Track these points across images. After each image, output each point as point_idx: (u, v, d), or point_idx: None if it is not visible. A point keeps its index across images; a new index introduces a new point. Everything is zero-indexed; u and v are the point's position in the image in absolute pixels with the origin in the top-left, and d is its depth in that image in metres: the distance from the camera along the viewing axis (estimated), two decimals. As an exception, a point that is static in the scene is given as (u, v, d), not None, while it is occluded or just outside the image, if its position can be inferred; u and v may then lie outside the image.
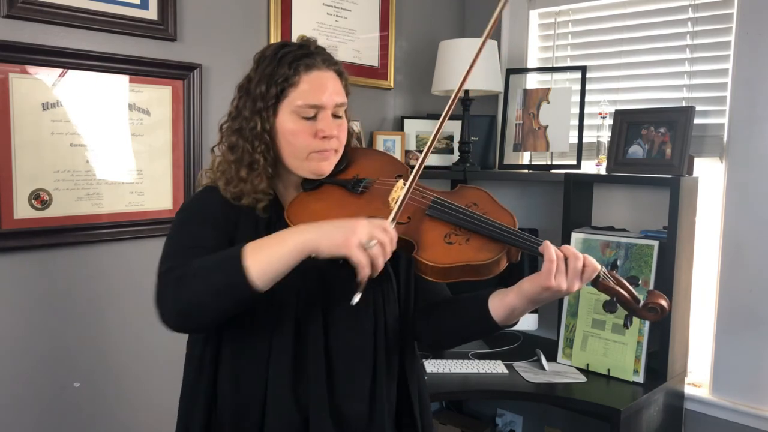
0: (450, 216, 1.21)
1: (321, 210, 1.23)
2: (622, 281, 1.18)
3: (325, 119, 1.23)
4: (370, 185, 1.29)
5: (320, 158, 1.25)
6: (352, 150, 1.37)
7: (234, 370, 1.22)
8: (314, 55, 1.25)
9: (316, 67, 1.24)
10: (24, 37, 1.72)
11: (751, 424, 2.16)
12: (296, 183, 1.31)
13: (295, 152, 1.24)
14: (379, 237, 1.06)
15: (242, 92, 1.26)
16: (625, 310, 1.19)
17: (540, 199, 2.69)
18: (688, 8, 2.36)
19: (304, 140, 1.23)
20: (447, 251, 1.16)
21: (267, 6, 2.27)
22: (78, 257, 1.87)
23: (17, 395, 1.78)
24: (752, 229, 2.15)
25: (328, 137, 1.24)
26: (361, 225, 1.06)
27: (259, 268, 1.05)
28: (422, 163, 1.21)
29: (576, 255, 1.13)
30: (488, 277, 1.16)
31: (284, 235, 1.09)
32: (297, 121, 1.22)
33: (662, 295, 1.18)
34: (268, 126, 1.23)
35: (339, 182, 1.30)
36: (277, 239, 1.09)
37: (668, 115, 2.25)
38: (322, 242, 1.06)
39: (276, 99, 1.22)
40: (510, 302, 1.19)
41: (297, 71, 1.22)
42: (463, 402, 2.92)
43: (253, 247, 1.07)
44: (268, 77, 1.22)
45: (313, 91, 1.22)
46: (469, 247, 1.16)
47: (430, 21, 2.87)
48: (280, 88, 1.21)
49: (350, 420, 1.24)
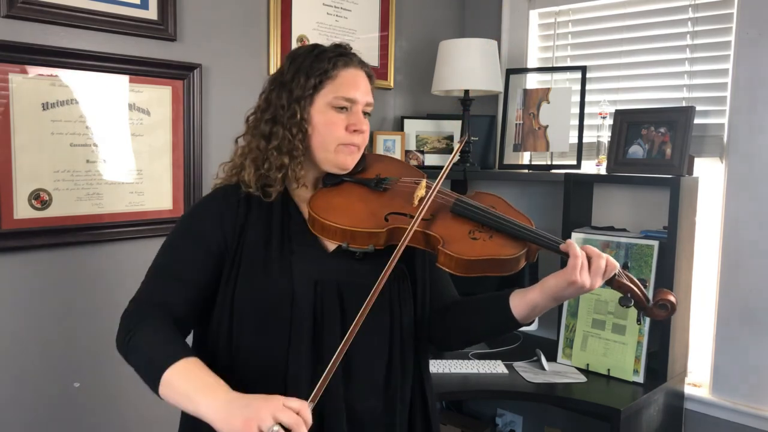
0: (474, 214, 1.26)
1: (344, 204, 1.28)
2: (634, 280, 1.23)
3: (357, 114, 1.29)
4: (391, 184, 1.34)
5: (347, 152, 1.29)
6: (368, 155, 1.40)
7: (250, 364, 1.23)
8: (351, 55, 1.32)
9: (352, 65, 1.30)
10: (24, 37, 1.72)
11: (751, 424, 2.16)
12: (315, 179, 1.34)
13: (325, 143, 1.28)
14: (285, 420, 0.98)
15: (275, 85, 1.30)
16: (637, 308, 1.24)
17: (540, 199, 2.69)
18: (688, 8, 2.36)
19: (336, 131, 1.27)
20: (472, 246, 1.21)
21: (267, 6, 2.27)
22: (78, 257, 1.87)
23: (17, 395, 1.78)
24: (752, 229, 2.15)
25: (357, 131, 1.28)
26: (266, 409, 1.00)
27: (167, 394, 1.11)
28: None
29: (599, 254, 1.19)
30: (508, 273, 1.21)
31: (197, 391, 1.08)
32: (330, 112, 1.27)
33: (669, 291, 1.23)
34: (305, 115, 1.27)
35: (361, 180, 1.34)
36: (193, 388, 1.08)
37: (668, 115, 2.25)
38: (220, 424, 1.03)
39: (314, 89, 1.27)
40: (532, 299, 1.23)
41: (335, 66, 1.28)
42: (463, 402, 2.92)
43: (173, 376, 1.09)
44: (308, 69, 1.27)
45: (348, 86, 1.28)
46: (493, 243, 1.22)
47: (430, 21, 2.87)
48: (318, 80, 1.26)
49: (364, 417, 1.25)
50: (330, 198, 1.29)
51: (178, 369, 1.10)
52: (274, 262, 1.22)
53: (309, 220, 1.27)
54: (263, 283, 1.21)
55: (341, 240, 1.24)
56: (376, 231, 1.23)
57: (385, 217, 1.26)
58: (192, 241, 1.26)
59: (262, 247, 1.23)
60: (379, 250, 1.24)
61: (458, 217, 1.27)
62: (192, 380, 1.10)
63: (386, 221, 1.25)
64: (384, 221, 1.25)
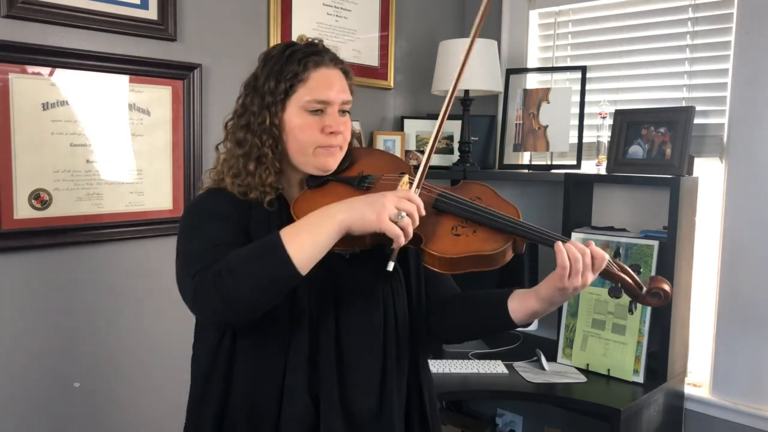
0: (456, 209, 1.24)
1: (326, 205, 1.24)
2: (625, 268, 1.21)
3: (332, 115, 1.26)
4: (375, 181, 1.32)
5: (326, 154, 1.27)
6: (354, 150, 1.38)
7: (252, 363, 1.23)
8: (322, 54, 1.28)
9: (324, 65, 1.27)
10: (24, 37, 1.72)
11: (751, 424, 2.16)
12: (300, 181, 1.32)
13: (302, 147, 1.26)
14: (407, 208, 1.11)
15: (249, 89, 1.28)
16: (629, 296, 1.22)
17: (540, 199, 2.69)
18: (688, 8, 2.36)
19: (311, 135, 1.25)
20: (455, 243, 1.19)
21: (267, 6, 2.27)
22: (78, 257, 1.87)
23: (17, 395, 1.78)
24: (752, 228, 2.15)
25: (334, 133, 1.26)
26: (388, 200, 1.10)
27: (302, 253, 1.08)
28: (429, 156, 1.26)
29: (584, 252, 1.15)
30: (495, 267, 1.19)
31: (318, 219, 1.12)
32: (304, 116, 1.25)
33: (664, 279, 1.20)
34: (276, 121, 1.25)
35: (344, 179, 1.32)
36: (312, 224, 1.11)
37: (668, 115, 2.25)
38: (355, 223, 1.10)
39: (285, 94, 1.24)
40: (531, 306, 1.24)
41: (306, 68, 1.25)
42: (463, 402, 2.92)
43: (290, 233, 1.10)
44: (277, 73, 1.24)
45: (321, 87, 1.25)
46: (476, 239, 1.19)
47: (430, 21, 2.87)
48: (289, 83, 1.24)
49: (360, 413, 1.25)
50: (313, 200, 1.27)
51: (287, 234, 1.10)
52: None
53: None
54: None
55: None
56: None
57: None
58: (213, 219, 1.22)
59: None
60: (366, 250, 1.23)
61: (441, 212, 1.24)
62: (306, 222, 1.12)
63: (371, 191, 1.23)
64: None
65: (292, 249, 1.08)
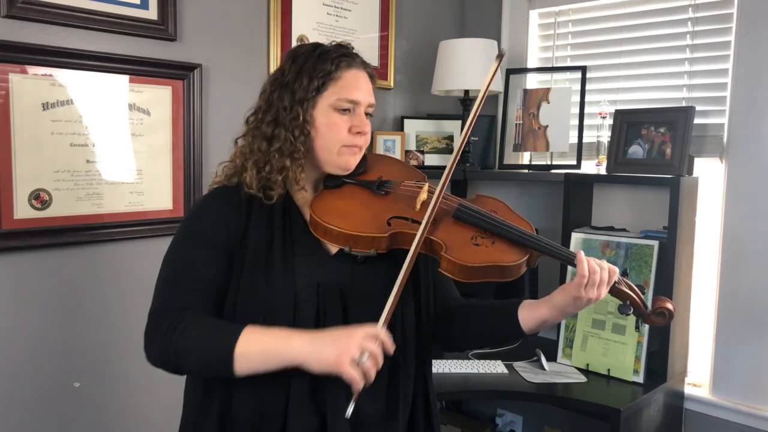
0: (476, 219, 1.26)
1: (346, 207, 1.27)
2: (633, 287, 1.25)
3: (360, 116, 1.28)
4: (394, 187, 1.33)
5: (350, 153, 1.28)
6: (368, 155, 1.39)
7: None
8: (353, 56, 1.30)
9: (355, 66, 1.29)
10: (24, 37, 1.72)
11: (751, 424, 2.16)
12: (313, 181, 1.33)
13: (328, 145, 1.27)
14: (371, 349, 1.10)
15: (276, 85, 1.28)
16: (635, 315, 1.26)
17: (540, 199, 2.69)
18: (688, 8, 2.36)
19: (339, 133, 1.26)
20: (474, 252, 1.21)
21: (267, 6, 2.27)
22: (78, 257, 1.87)
23: (17, 395, 1.78)
24: (752, 229, 2.15)
25: (361, 133, 1.28)
26: (353, 340, 1.10)
27: (244, 364, 1.12)
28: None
29: (602, 266, 1.21)
30: (509, 279, 1.22)
31: (276, 343, 1.14)
32: (333, 114, 1.26)
33: (668, 299, 1.25)
34: (308, 116, 1.26)
35: (363, 183, 1.33)
36: (270, 344, 1.14)
37: (668, 115, 2.25)
38: (312, 361, 1.12)
39: (316, 91, 1.25)
40: (542, 315, 1.26)
41: (339, 67, 1.26)
42: (463, 402, 2.92)
43: (247, 341, 1.13)
44: (310, 70, 1.25)
45: (351, 87, 1.27)
46: (496, 249, 1.22)
47: (430, 21, 2.87)
48: (321, 81, 1.25)
49: (367, 418, 1.24)
50: (332, 201, 1.28)
51: (246, 339, 1.13)
52: (277, 264, 1.22)
53: (311, 223, 1.26)
54: (266, 286, 1.21)
55: (344, 244, 1.23)
56: (379, 235, 1.23)
57: (387, 222, 1.25)
58: (197, 243, 1.24)
59: (265, 250, 1.23)
60: (381, 253, 1.24)
61: (461, 222, 1.27)
62: (266, 338, 1.14)
63: (389, 225, 1.24)
64: (387, 225, 1.24)
65: (239, 356, 1.12)
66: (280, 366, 1.12)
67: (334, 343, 1.10)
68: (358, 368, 1.08)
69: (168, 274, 1.24)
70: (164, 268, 1.25)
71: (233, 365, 1.12)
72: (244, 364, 1.12)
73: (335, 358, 1.08)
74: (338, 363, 1.08)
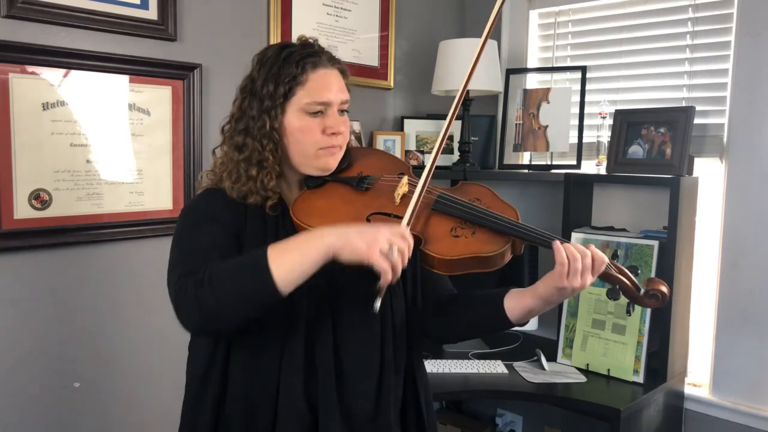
0: (455, 210, 1.23)
1: (327, 207, 1.25)
2: (623, 270, 1.21)
3: (333, 116, 1.26)
4: (374, 182, 1.31)
5: (327, 154, 1.27)
6: (352, 149, 1.38)
7: (247, 367, 1.23)
8: (319, 54, 1.27)
9: (321, 66, 1.26)
10: (24, 37, 1.72)
11: (751, 424, 2.16)
12: (299, 182, 1.32)
13: (304, 149, 1.26)
14: (399, 244, 1.08)
15: (246, 93, 1.27)
16: (627, 298, 1.22)
17: (540, 199, 2.69)
18: (688, 8, 2.36)
19: (313, 137, 1.25)
20: (454, 244, 1.19)
21: (267, 6, 2.27)
22: (78, 257, 1.87)
23: (17, 395, 1.78)
24: (752, 229, 2.15)
25: (336, 133, 1.26)
26: (382, 233, 1.08)
27: (283, 272, 1.07)
28: (433, 163, 1.24)
29: (584, 253, 1.15)
30: (494, 269, 1.19)
31: (307, 240, 1.11)
32: (305, 118, 1.24)
33: (662, 281, 1.21)
34: (276, 125, 1.24)
35: (343, 180, 1.32)
36: (300, 244, 1.10)
37: (668, 115, 2.25)
38: (344, 249, 1.08)
39: (284, 98, 1.23)
40: (527, 304, 1.23)
41: (304, 70, 1.24)
42: (463, 402, 2.92)
43: (276, 251, 1.09)
44: (275, 76, 1.23)
45: (320, 89, 1.24)
46: (475, 240, 1.19)
47: (430, 21, 2.87)
48: (288, 86, 1.23)
49: (358, 416, 1.25)
50: (312, 201, 1.27)
51: (274, 249, 1.09)
52: None
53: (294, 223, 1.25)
54: None
55: None
56: None
57: (367, 218, 1.24)
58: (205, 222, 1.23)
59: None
60: None
61: (439, 214, 1.24)
62: (294, 241, 1.11)
63: (368, 222, 1.23)
64: (366, 222, 1.23)
65: (275, 267, 1.07)
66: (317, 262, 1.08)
67: (362, 235, 1.08)
68: (387, 260, 1.07)
69: (179, 251, 1.21)
70: (174, 249, 1.22)
71: (272, 277, 1.06)
72: (283, 272, 1.07)
73: (366, 248, 1.06)
74: (369, 252, 1.06)
